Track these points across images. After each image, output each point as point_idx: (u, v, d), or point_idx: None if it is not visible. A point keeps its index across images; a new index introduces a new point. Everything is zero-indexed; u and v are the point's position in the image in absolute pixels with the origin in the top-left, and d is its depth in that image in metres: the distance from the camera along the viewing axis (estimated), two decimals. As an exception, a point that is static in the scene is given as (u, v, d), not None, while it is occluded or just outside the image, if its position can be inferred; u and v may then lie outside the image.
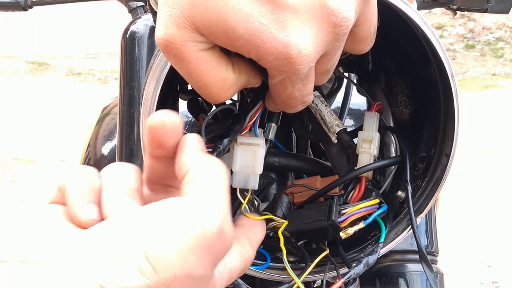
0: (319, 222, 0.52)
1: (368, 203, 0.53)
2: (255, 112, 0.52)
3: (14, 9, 1.02)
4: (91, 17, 7.08)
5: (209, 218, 0.35)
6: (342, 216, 0.52)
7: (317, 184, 0.59)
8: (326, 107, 0.59)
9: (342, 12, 0.38)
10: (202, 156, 0.39)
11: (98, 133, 1.20)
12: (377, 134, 0.58)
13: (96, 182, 0.40)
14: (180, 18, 0.38)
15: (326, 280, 0.55)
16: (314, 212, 0.53)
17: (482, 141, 4.26)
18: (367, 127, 0.59)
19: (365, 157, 0.57)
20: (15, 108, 5.56)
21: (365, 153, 0.57)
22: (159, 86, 0.49)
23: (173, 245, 0.34)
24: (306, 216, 0.54)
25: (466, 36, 7.37)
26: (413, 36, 0.53)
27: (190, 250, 0.34)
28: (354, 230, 0.52)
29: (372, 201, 0.54)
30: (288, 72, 0.40)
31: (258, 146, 0.52)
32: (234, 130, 0.51)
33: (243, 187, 0.54)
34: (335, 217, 0.51)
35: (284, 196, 0.58)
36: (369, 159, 0.57)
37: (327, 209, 0.52)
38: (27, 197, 3.69)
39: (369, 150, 0.57)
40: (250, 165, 0.52)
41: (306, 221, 0.53)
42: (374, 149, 0.57)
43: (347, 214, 0.52)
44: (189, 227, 0.34)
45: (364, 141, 0.58)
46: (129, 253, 0.34)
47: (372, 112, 0.60)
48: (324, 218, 0.51)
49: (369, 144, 0.57)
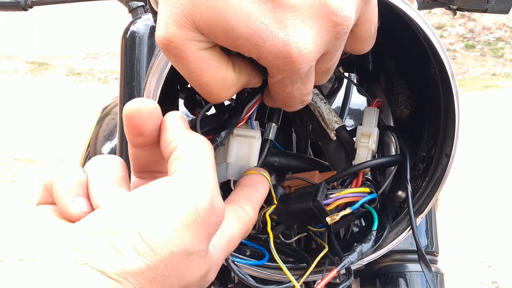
0: (305, 203, 0.52)
1: (357, 189, 0.53)
2: (252, 105, 0.52)
3: (14, 9, 1.02)
4: (91, 17, 7.08)
5: (200, 194, 0.36)
6: (328, 199, 0.52)
7: (315, 179, 0.59)
8: (325, 104, 0.59)
9: (342, 11, 0.38)
10: (187, 133, 0.40)
11: (98, 133, 1.20)
12: (376, 129, 0.58)
13: (82, 176, 0.40)
14: (180, 17, 0.38)
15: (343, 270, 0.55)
16: (302, 195, 0.54)
17: (482, 141, 4.26)
18: (366, 122, 0.59)
19: (363, 151, 0.57)
20: (15, 108, 5.56)
21: (363, 147, 0.57)
22: (160, 86, 0.49)
23: (168, 224, 0.35)
24: (294, 199, 0.54)
25: (466, 36, 7.37)
26: (413, 36, 0.53)
27: (185, 227, 0.35)
28: (340, 216, 0.52)
29: (362, 188, 0.54)
30: (288, 71, 0.40)
31: (254, 138, 0.53)
32: (231, 123, 0.51)
33: (238, 178, 0.54)
34: (321, 198, 0.51)
35: (279, 187, 0.58)
36: (367, 153, 0.57)
37: (314, 191, 0.52)
38: (27, 197, 3.69)
39: (367, 145, 0.57)
40: (245, 157, 0.53)
41: (294, 203, 0.53)
42: (372, 144, 0.57)
43: (333, 198, 0.52)
44: (182, 205, 0.35)
45: (363, 135, 0.58)
46: (124, 236, 0.34)
47: (372, 107, 0.60)
48: (310, 200, 0.52)
49: (367, 138, 0.57)
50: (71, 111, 5.29)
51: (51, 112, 5.36)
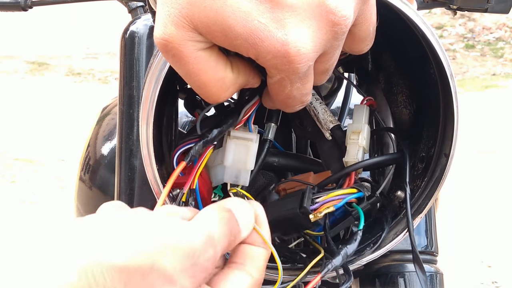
0: (292, 210, 0.51)
1: (343, 191, 0.53)
2: (250, 107, 0.52)
3: (14, 9, 1.02)
4: (91, 17, 7.09)
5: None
6: (315, 204, 0.51)
7: (310, 180, 0.59)
8: (320, 104, 0.59)
9: (340, 10, 0.38)
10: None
11: (98, 133, 1.20)
12: (366, 126, 0.58)
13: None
14: (178, 17, 0.38)
15: (327, 280, 0.55)
16: (289, 201, 0.53)
17: (482, 141, 4.26)
18: (356, 119, 0.59)
19: (353, 148, 0.56)
20: (15, 108, 5.56)
21: (353, 144, 0.56)
22: (158, 86, 0.49)
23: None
24: (282, 205, 0.54)
25: (466, 36, 7.37)
26: (412, 36, 0.53)
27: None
28: (323, 213, 0.51)
29: (349, 190, 0.53)
30: (287, 71, 0.40)
31: (252, 141, 0.52)
32: (226, 123, 0.51)
33: (234, 182, 0.54)
34: (307, 204, 0.51)
35: (274, 194, 0.58)
36: (357, 150, 0.56)
37: (299, 197, 0.52)
38: (27, 197, 3.70)
39: (357, 141, 0.56)
40: (242, 160, 0.52)
41: (282, 210, 0.53)
42: (362, 140, 0.56)
43: (320, 202, 0.52)
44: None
45: (353, 133, 0.57)
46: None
47: (361, 105, 0.59)
48: (297, 206, 0.51)
49: (357, 135, 0.57)
50: (71, 111, 5.29)
51: (51, 112, 5.36)
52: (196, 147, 0.50)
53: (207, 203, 0.55)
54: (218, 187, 0.59)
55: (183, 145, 0.52)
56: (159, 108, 0.52)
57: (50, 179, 3.99)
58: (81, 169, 1.17)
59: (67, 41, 7.60)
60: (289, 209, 0.52)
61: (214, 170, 0.56)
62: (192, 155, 0.49)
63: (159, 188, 0.52)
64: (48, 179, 4.00)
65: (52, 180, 3.98)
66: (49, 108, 5.48)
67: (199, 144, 0.50)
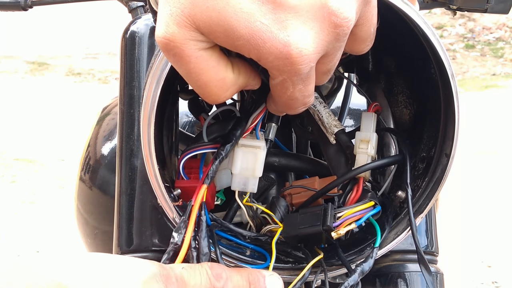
0: (315, 227, 0.51)
1: (363, 206, 0.53)
2: (257, 115, 0.52)
3: (14, 9, 1.02)
4: (91, 17, 7.08)
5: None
6: (337, 221, 0.51)
7: (316, 185, 0.59)
8: (324, 108, 0.59)
9: (343, 12, 0.38)
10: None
11: (98, 133, 1.20)
12: (375, 134, 0.58)
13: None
14: (180, 16, 0.38)
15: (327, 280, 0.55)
16: (309, 216, 0.53)
17: (482, 141, 4.26)
18: (364, 128, 0.59)
19: (363, 157, 0.57)
20: (15, 108, 5.56)
21: (362, 153, 0.57)
22: (160, 86, 0.49)
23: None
24: (301, 220, 0.53)
25: (466, 36, 7.37)
26: (413, 36, 0.53)
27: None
28: (345, 230, 0.51)
29: (367, 203, 0.53)
30: (289, 72, 0.40)
31: (260, 148, 0.52)
32: (236, 135, 0.51)
33: (242, 189, 0.54)
34: (330, 222, 0.51)
35: (282, 199, 0.57)
36: (367, 159, 0.57)
37: (321, 214, 0.51)
38: (27, 197, 3.69)
39: (366, 151, 0.57)
40: (250, 167, 0.52)
41: (302, 226, 0.52)
42: (371, 150, 0.57)
43: (342, 219, 0.52)
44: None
45: (362, 141, 0.58)
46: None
47: (369, 112, 0.60)
48: (319, 224, 0.51)
49: (366, 144, 0.57)
50: (71, 111, 5.29)
51: (51, 112, 5.36)
52: (214, 167, 0.50)
53: (210, 207, 0.55)
54: (220, 190, 0.59)
55: (190, 151, 0.53)
56: (160, 108, 0.52)
57: (50, 179, 3.99)
58: (81, 169, 1.17)
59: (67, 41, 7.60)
60: (310, 225, 0.52)
61: (219, 175, 0.56)
62: (210, 176, 0.50)
63: (160, 188, 0.52)
64: (48, 179, 4.00)
65: (52, 180, 3.98)
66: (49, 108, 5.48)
67: (215, 163, 0.50)
